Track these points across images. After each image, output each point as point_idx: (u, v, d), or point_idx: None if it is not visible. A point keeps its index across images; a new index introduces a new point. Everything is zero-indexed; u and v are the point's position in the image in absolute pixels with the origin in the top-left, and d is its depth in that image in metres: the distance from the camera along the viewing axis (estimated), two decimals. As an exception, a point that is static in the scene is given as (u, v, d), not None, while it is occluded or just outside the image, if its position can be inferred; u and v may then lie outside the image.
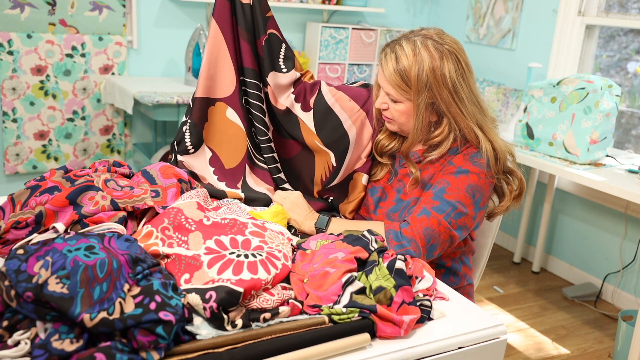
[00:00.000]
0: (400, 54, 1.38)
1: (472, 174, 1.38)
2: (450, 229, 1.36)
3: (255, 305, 1.02)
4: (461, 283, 1.54)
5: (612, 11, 3.19)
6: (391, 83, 1.39)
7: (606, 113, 2.56)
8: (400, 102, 1.42)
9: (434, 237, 1.35)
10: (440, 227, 1.35)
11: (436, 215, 1.35)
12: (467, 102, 1.39)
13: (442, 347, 1.05)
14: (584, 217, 3.30)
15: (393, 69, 1.38)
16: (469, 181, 1.38)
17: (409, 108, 1.41)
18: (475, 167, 1.39)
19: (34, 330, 0.88)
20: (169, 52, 3.59)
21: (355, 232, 1.27)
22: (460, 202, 1.36)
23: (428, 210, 1.36)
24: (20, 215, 1.15)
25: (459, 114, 1.39)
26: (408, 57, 1.37)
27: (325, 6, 3.80)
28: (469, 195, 1.37)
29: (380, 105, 1.46)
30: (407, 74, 1.37)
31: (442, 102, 1.38)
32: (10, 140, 3.28)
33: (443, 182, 1.39)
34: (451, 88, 1.37)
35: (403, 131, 1.49)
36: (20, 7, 3.13)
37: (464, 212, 1.37)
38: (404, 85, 1.38)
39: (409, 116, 1.42)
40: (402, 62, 1.37)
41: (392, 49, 1.41)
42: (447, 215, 1.35)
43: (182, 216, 1.18)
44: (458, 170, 1.39)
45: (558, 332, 2.83)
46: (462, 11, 4.04)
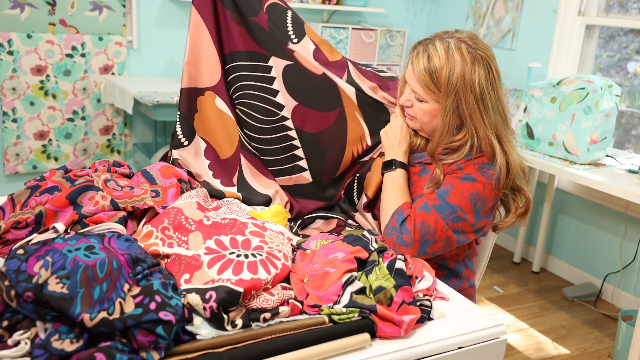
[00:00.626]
0: (432, 54, 1.37)
1: (478, 183, 1.38)
2: (447, 229, 1.35)
3: (255, 305, 1.02)
4: (463, 285, 1.53)
5: (612, 11, 3.19)
6: (420, 82, 1.39)
7: (606, 113, 2.56)
8: (425, 102, 1.41)
9: (429, 233, 1.35)
10: (437, 225, 1.35)
11: (435, 214, 1.35)
12: (492, 111, 1.38)
13: (442, 347, 1.05)
14: (584, 217, 3.30)
15: (424, 68, 1.37)
16: (473, 189, 1.37)
17: (434, 109, 1.41)
18: (483, 177, 1.38)
19: (34, 330, 0.88)
20: (169, 52, 3.59)
21: (355, 232, 1.27)
22: (460, 207, 1.36)
23: (428, 206, 1.36)
24: (20, 215, 1.15)
25: (480, 123, 1.37)
26: (440, 57, 1.36)
27: (325, 6, 3.80)
28: (470, 202, 1.37)
29: (405, 102, 1.45)
30: (438, 75, 1.36)
31: (466, 108, 1.37)
32: (10, 140, 3.28)
33: (448, 185, 1.39)
34: (478, 95, 1.36)
35: (423, 130, 1.48)
36: (20, 7, 3.13)
37: (463, 217, 1.36)
38: (432, 86, 1.37)
39: (432, 116, 1.42)
40: (434, 62, 1.36)
41: (425, 48, 1.39)
42: (445, 217, 1.35)
43: (182, 216, 1.18)
44: (465, 176, 1.39)
45: (558, 332, 2.83)
46: (462, 11, 4.04)
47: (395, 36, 4.12)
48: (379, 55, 4.10)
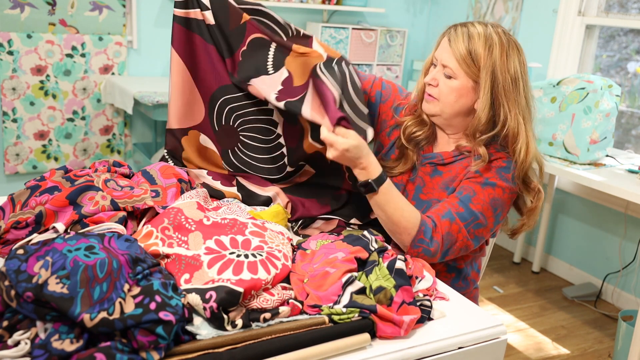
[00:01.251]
0: (473, 32, 1.39)
1: (498, 188, 1.39)
2: (468, 238, 1.36)
3: (255, 305, 1.02)
4: (469, 288, 1.53)
5: (612, 11, 3.19)
6: (457, 56, 1.38)
7: (606, 113, 2.56)
8: (455, 79, 1.40)
9: (451, 242, 1.35)
10: (459, 234, 1.35)
11: (458, 223, 1.35)
12: (522, 97, 1.41)
13: (442, 347, 1.05)
14: (584, 217, 3.30)
15: (462, 40, 1.38)
16: (495, 194, 1.38)
17: (463, 86, 1.39)
18: (502, 181, 1.39)
19: (34, 330, 0.88)
20: (169, 52, 3.59)
21: (355, 232, 1.27)
22: (482, 214, 1.37)
23: (453, 215, 1.36)
24: (20, 215, 1.15)
25: (514, 103, 1.39)
26: (480, 35, 1.38)
27: (325, 6, 3.80)
28: (491, 208, 1.38)
29: (431, 80, 1.43)
30: (477, 49, 1.37)
31: (503, 87, 1.38)
32: (10, 140, 3.28)
33: (470, 190, 1.38)
34: (513, 76, 1.38)
35: (442, 114, 1.44)
36: (20, 7, 3.13)
37: (484, 224, 1.37)
38: (469, 61, 1.37)
39: (459, 95, 1.40)
40: (474, 39, 1.38)
41: (464, 28, 1.41)
42: (468, 224, 1.35)
43: (182, 216, 1.18)
44: (485, 181, 1.39)
45: (558, 332, 2.83)
46: (462, 11, 4.04)
47: (395, 36, 4.11)
48: (379, 55, 4.10)
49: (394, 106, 1.57)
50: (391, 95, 1.59)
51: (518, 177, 1.40)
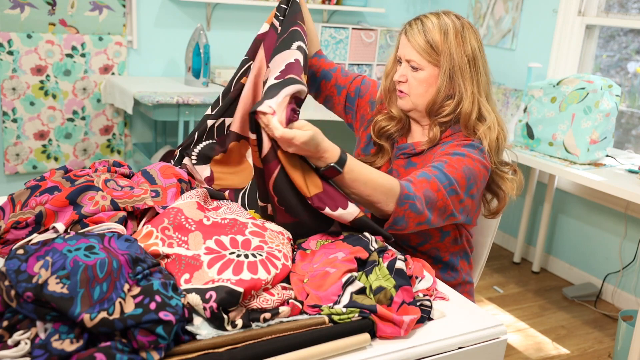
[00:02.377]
0: (425, 21, 1.45)
1: (468, 158, 1.39)
2: (448, 198, 1.34)
3: (255, 305, 1.02)
4: (459, 278, 1.54)
5: (612, 11, 3.19)
6: (417, 48, 1.43)
7: (606, 113, 2.56)
8: (422, 70, 1.44)
9: (432, 200, 1.32)
10: (439, 192, 1.33)
11: (436, 181, 1.34)
12: (482, 72, 1.46)
13: (442, 347, 1.05)
14: (584, 217, 3.30)
15: (419, 32, 1.43)
16: (465, 162, 1.38)
17: (431, 75, 1.44)
18: (470, 153, 1.40)
19: (34, 330, 0.88)
20: (169, 52, 3.59)
21: (355, 232, 1.27)
22: (456, 181, 1.36)
23: (429, 175, 1.34)
24: (20, 215, 1.15)
25: (470, 81, 1.43)
26: (434, 23, 1.44)
27: (325, 6, 3.80)
28: (465, 176, 1.36)
29: (399, 77, 1.47)
30: (434, 38, 1.42)
31: (459, 66, 1.42)
32: (10, 140, 3.28)
33: (441, 160, 1.39)
34: (470, 54, 1.43)
35: (416, 107, 1.48)
36: (20, 7, 3.13)
37: (457, 191, 1.36)
38: (429, 49, 1.42)
39: (428, 85, 1.45)
40: (428, 27, 1.43)
41: (417, 19, 1.47)
42: (445, 186, 1.34)
43: (182, 216, 1.18)
44: (454, 152, 1.40)
45: (558, 332, 2.83)
46: (462, 11, 4.04)
47: (395, 36, 4.12)
48: (379, 55, 4.10)
49: (370, 100, 1.63)
50: (369, 90, 1.65)
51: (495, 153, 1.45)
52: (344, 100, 1.66)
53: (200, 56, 3.27)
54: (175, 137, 3.64)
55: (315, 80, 1.68)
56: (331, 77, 1.66)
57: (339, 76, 1.66)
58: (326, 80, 1.67)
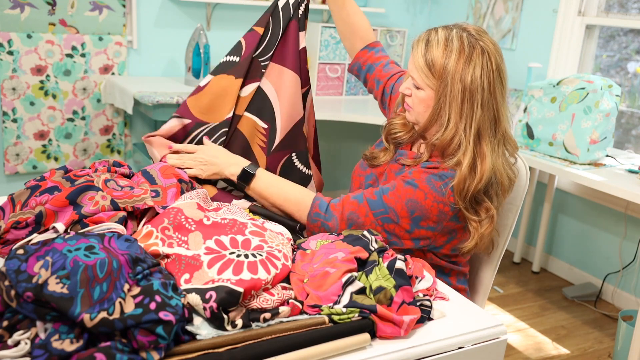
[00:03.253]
0: (432, 40, 1.35)
1: (419, 191, 1.33)
2: (377, 225, 1.35)
3: (255, 305, 1.02)
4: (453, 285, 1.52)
5: (612, 11, 3.19)
6: (417, 67, 1.37)
7: (606, 113, 2.56)
8: (421, 89, 1.38)
9: (357, 224, 1.35)
10: (366, 218, 1.35)
11: (366, 206, 1.36)
12: (480, 107, 1.32)
13: (442, 347, 1.05)
14: (584, 217, 3.30)
15: (422, 53, 1.36)
16: (413, 196, 1.33)
17: (429, 97, 1.37)
18: (427, 186, 1.33)
19: (34, 330, 0.88)
20: (169, 52, 3.59)
21: (355, 232, 1.27)
22: (394, 210, 1.34)
23: (363, 198, 1.38)
24: (20, 215, 1.15)
25: (456, 113, 1.32)
26: (439, 43, 1.33)
27: (326, 6, 3.80)
28: (406, 208, 1.34)
29: (404, 90, 1.44)
30: (434, 61, 1.33)
31: (448, 95, 1.32)
32: (10, 140, 3.28)
33: (391, 184, 1.38)
34: (467, 85, 1.30)
35: (419, 122, 1.44)
36: (20, 7, 3.13)
37: (395, 220, 1.34)
38: (427, 71, 1.35)
39: (427, 106, 1.38)
40: (432, 48, 1.34)
41: (427, 34, 1.39)
42: (377, 214, 1.35)
43: (182, 216, 1.18)
44: (410, 181, 1.36)
45: (558, 332, 2.83)
46: (462, 11, 4.04)
47: (395, 36, 4.12)
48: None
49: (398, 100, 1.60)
50: None
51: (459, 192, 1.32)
52: (381, 94, 1.69)
53: (200, 56, 3.27)
54: (175, 137, 3.64)
55: (361, 72, 1.74)
56: (373, 71, 1.70)
57: (380, 71, 1.69)
58: (369, 73, 1.72)
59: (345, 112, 3.50)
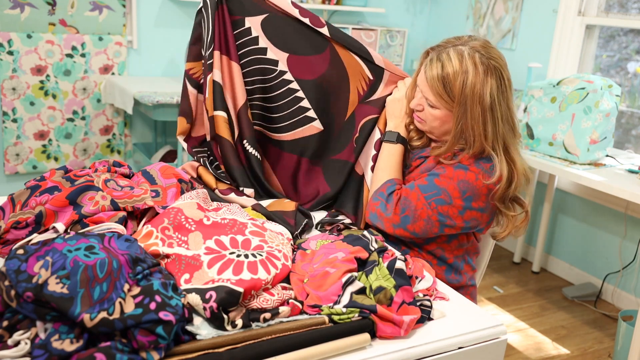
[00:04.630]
0: (446, 63, 1.36)
1: (470, 172, 1.38)
2: (430, 209, 1.36)
3: (255, 305, 1.02)
4: (463, 281, 1.53)
5: (612, 11, 3.19)
6: (432, 90, 1.38)
7: (606, 113, 2.56)
8: (437, 108, 1.41)
9: (409, 208, 1.38)
10: (418, 202, 1.37)
11: (418, 191, 1.38)
12: (501, 122, 1.37)
13: (442, 347, 1.05)
14: (584, 217, 3.30)
15: (437, 76, 1.36)
16: (465, 177, 1.37)
17: (445, 115, 1.41)
18: (477, 167, 1.38)
19: (34, 330, 0.88)
20: (169, 52, 3.59)
21: (355, 232, 1.27)
22: (446, 190, 1.37)
23: (414, 185, 1.41)
24: (20, 215, 1.15)
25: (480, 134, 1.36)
26: (454, 67, 1.35)
27: (325, 6, 3.80)
28: (458, 188, 1.37)
29: (416, 106, 1.45)
30: (451, 85, 1.35)
31: (470, 118, 1.36)
32: (10, 140, 3.28)
33: (440, 169, 1.41)
34: (487, 106, 1.34)
35: (432, 134, 1.49)
36: (20, 7, 3.13)
37: (448, 201, 1.37)
38: (444, 95, 1.37)
39: (443, 122, 1.42)
40: (448, 71, 1.35)
41: (439, 56, 1.38)
42: (429, 197, 1.37)
43: (182, 216, 1.18)
44: (458, 165, 1.40)
45: (558, 332, 2.83)
46: (462, 11, 4.04)
47: (395, 36, 4.12)
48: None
49: None
50: None
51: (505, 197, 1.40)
52: None
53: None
54: (175, 137, 3.64)
55: None
56: None
57: None
58: None
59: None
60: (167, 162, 3.14)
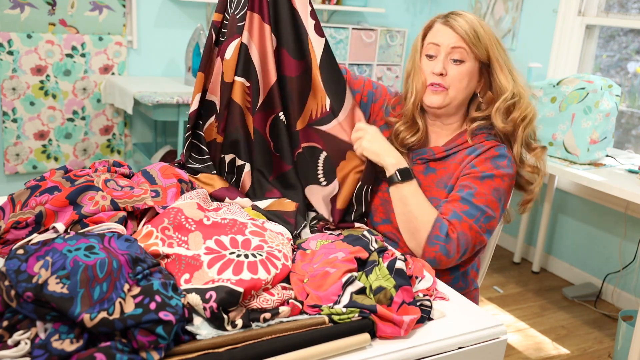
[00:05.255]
0: (464, 17, 1.45)
1: (497, 178, 1.40)
2: (481, 233, 1.37)
3: (255, 305, 1.02)
4: (469, 287, 1.53)
5: (612, 11, 3.19)
6: (466, 38, 1.43)
7: (606, 113, 2.56)
8: (464, 62, 1.44)
9: (467, 242, 1.35)
10: (471, 231, 1.35)
11: (467, 220, 1.35)
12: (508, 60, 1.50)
13: (442, 347, 1.05)
14: (584, 217, 3.30)
15: (468, 26, 1.43)
16: (494, 185, 1.40)
17: (472, 68, 1.45)
18: (499, 170, 1.41)
19: (34, 330, 0.88)
20: (169, 52, 3.59)
21: (355, 232, 1.27)
22: (488, 207, 1.38)
23: (459, 214, 1.36)
24: (20, 215, 1.15)
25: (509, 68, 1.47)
26: (473, 18, 1.46)
27: (325, 6, 3.80)
28: (495, 199, 1.39)
29: (441, 70, 1.45)
30: (479, 31, 1.44)
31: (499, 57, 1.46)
32: (10, 140, 3.28)
33: (470, 187, 1.39)
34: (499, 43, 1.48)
35: (453, 101, 1.47)
36: (20, 7, 3.13)
37: (492, 216, 1.38)
38: (475, 40, 1.43)
39: (470, 78, 1.46)
40: (474, 20, 1.45)
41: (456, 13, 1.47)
42: (477, 220, 1.36)
43: (182, 216, 1.18)
44: (483, 175, 1.40)
45: (558, 332, 2.83)
46: (462, 11, 4.04)
47: (395, 36, 4.12)
48: (379, 55, 4.10)
49: (384, 106, 1.60)
50: (382, 95, 1.62)
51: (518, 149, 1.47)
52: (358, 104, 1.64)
53: (200, 56, 3.27)
54: (175, 137, 3.64)
55: None
56: None
57: (352, 80, 1.63)
58: None
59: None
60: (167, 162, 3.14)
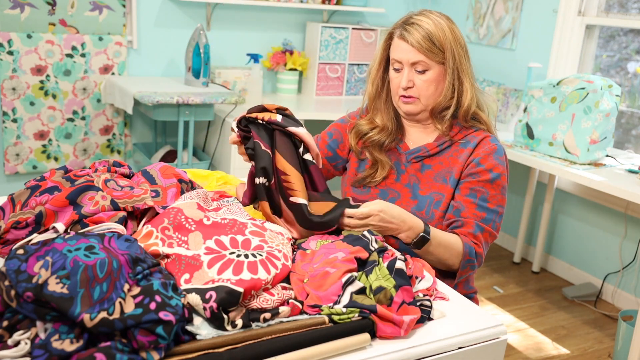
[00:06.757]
0: (420, 24, 1.44)
1: (502, 176, 1.47)
2: (496, 233, 1.46)
3: (255, 305, 1.02)
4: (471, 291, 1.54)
5: (612, 11, 3.19)
6: (421, 50, 1.43)
7: (606, 113, 2.56)
8: (429, 70, 1.45)
9: (487, 246, 1.47)
10: (491, 237, 1.45)
11: (487, 228, 1.44)
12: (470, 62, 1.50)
13: (442, 347, 1.05)
14: (584, 217, 3.30)
15: (421, 36, 1.43)
16: (502, 183, 1.47)
17: (439, 74, 1.46)
18: (502, 167, 1.47)
19: (34, 330, 0.88)
20: (169, 52, 3.59)
21: (355, 232, 1.27)
22: (500, 205, 1.46)
23: (481, 225, 1.43)
24: (20, 215, 1.15)
25: (467, 72, 1.47)
26: (428, 22, 1.43)
27: (325, 6, 3.80)
28: (504, 196, 1.48)
29: (407, 83, 1.47)
30: (435, 37, 1.43)
31: (459, 60, 1.45)
32: (10, 140, 3.28)
33: (483, 192, 1.45)
34: (464, 46, 1.47)
35: (427, 107, 1.50)
36: (20, 7, 3.13)
37: (503, 212, 1.48)
38: (434, 48, 1.43)
39: (437, 83, 1.47)
40: (425, 26, 1.43)
41: (409, 23, 1.45)
42: (494, 223, 1.45)
43: (182, 216, 1.18)
44: (492, 177, 1.45)
45: (558, 332, 2.83)
46: (462, 11, 4.04)
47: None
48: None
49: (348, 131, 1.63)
50: (341, 132, 1.65)
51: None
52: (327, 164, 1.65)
53: (200, 56, 3.27)
54: (175, 137, 3.64)
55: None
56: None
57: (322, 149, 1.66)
58: None
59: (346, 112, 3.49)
60: (167, 162, 3.14)
